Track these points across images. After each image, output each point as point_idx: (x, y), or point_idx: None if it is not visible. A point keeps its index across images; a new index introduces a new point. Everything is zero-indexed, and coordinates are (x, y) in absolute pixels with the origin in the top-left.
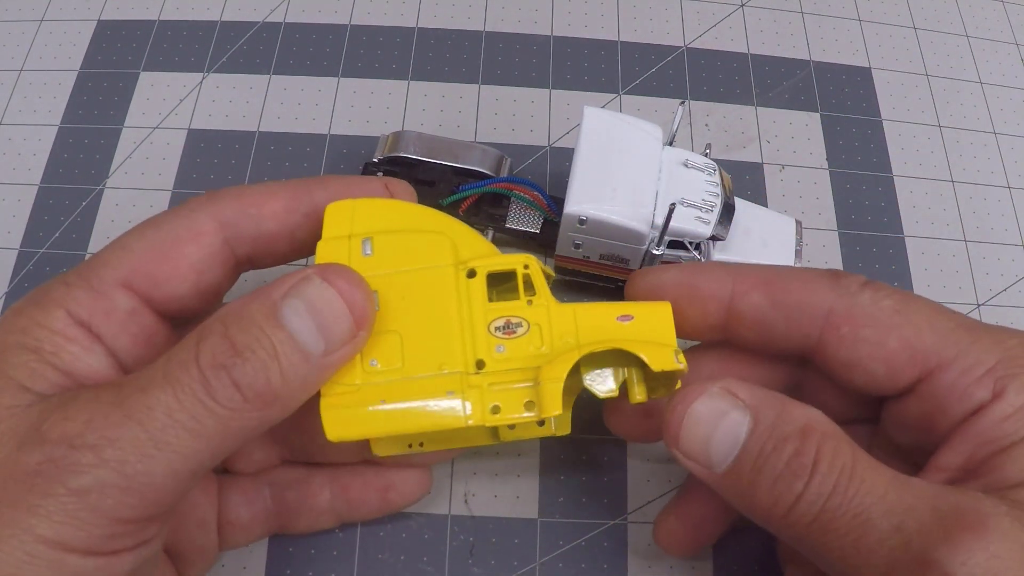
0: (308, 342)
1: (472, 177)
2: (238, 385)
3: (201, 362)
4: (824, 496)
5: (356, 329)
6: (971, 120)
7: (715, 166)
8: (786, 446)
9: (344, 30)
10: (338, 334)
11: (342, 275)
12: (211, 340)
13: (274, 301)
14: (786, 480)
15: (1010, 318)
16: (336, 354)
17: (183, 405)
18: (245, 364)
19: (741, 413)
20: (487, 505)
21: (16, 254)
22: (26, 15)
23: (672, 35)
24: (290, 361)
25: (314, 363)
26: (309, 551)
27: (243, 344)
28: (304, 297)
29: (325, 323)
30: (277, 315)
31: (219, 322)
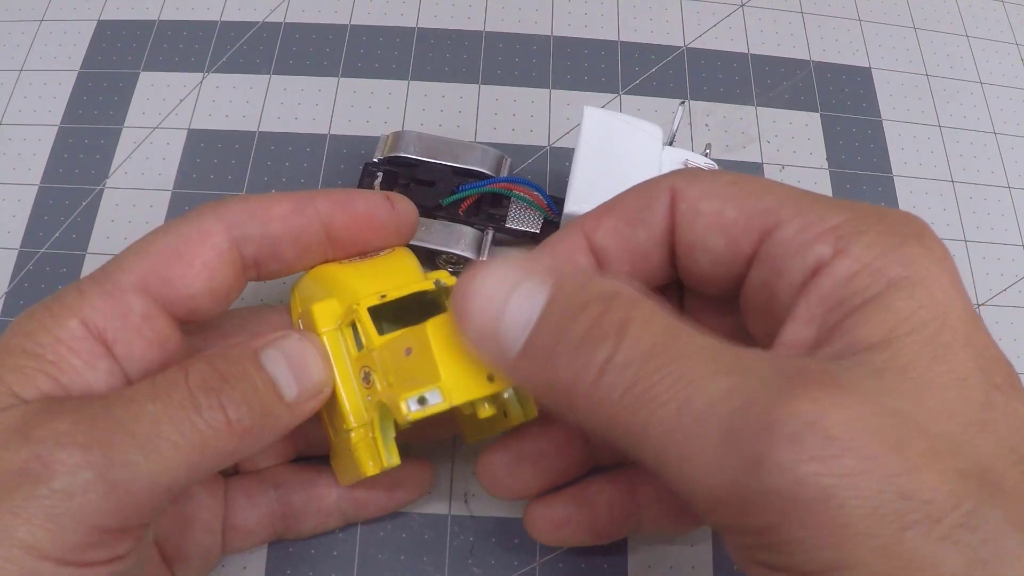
0: (283, 386)
1: (472, 177)
2: (224, 408)
3: (191, 382)
4: (638, 359)
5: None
6: (971, 120)
7: (715, 166)
8: (591, 309)
9: (344, 30)
10: (311, 384)
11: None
12: (199, 367)
13: (254, 348)
14: (590, 345)
15: (1010, 318)
16: (306, 404)
17: (171, 417)
18: (232, 390)
19: (537, 283)
20: (487, 505)
21: (16, 254)
22: (26, 15)
23: (672, 35)
24: (268, 398)
25: (286, 407)
26: (309, 551)
27: (230, 374)
28: (282, 348)
29: (300, 373)
30: (258, 359)
31: (204, 358)
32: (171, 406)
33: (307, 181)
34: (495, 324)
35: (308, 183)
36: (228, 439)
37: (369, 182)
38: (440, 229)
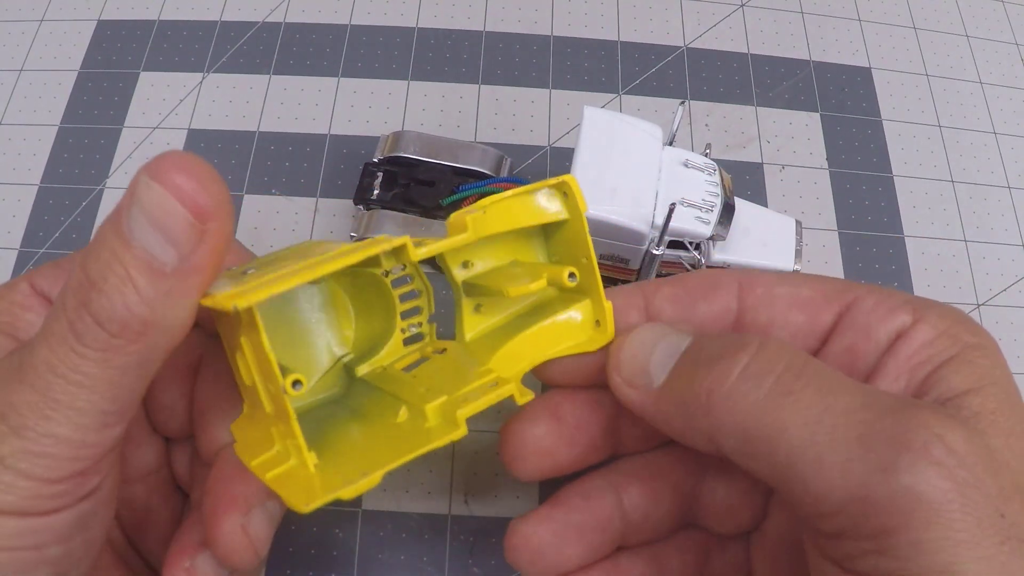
0: (156, 253)
1: (472, 177)
2: (99, 321)
3: (67, 306)
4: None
5: (201, 223)
6: (971, 120)
7: (715, 166)
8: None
9: (344, 30)
10: (182, 237)
11: (169, 162)
12: (73, 278)
13: (119, 217)
14: (730, 356)
15: (1010, 318)
16: (194, 257)
17: (60, 358)
18: (100, 296)
19: (680, 335)
20: (487, 505)
21: (16, 254)
22: (26, 15)
23: (672, 35)
24: (146, 280)
25: (172, 275)
26: (309, 551)
27: (96, 274)
28: (139, 204)
29: (165, 226)
30: (124, 231)
31: (81, 254)
32: (56, 343)
33: (307, 181)
34: (645, 363)
35: (308, 183)
36: (125, 350)
37: (369, 182)
38: (440, 229)
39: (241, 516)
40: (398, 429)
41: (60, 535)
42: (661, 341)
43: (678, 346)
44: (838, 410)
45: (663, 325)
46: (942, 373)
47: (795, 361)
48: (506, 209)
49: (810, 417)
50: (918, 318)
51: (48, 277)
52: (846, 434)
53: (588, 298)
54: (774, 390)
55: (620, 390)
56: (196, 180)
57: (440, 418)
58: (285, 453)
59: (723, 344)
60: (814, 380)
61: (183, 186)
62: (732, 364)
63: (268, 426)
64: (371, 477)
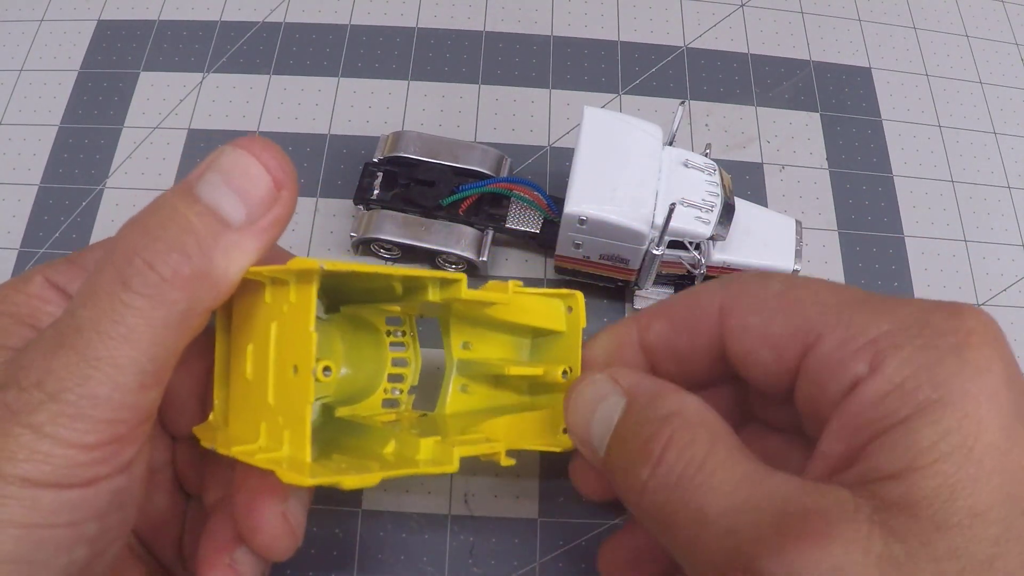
0: (226, 210)
1: (472, 177)
2: (152, 265)
3: (116, 258)
4: (668, 486)
5: (276, 190)
6: (971, 120)
7: (715, 166)
8: (643, 431)
9: (344, 30)
10: (257, 196)
11: (256, 140)
12: (125, 233)
13: (190, 182)
14: (637, 467)
15: (1010, 318)
16: (262, 220)
17: (104, 312)
18: (157, 242)
19: (618, 397)
20: (487, 505)
21: (16, 254)
22: (26, 15)
23: (672, 35)
24: (209, 231)
25: (236, 230)
26: (309, 551)
27: (156, 224)
28: (219, 168)
29: (242, 188)
30: (192, 191)
31: (135, 216)
32: (101, 298)
33: (307, 181)
34: (587, 428)
35: (308, 183)
36: (173, 296)
37: (369, 182)
38: (440, 229)
39: (281, 503)
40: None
41: (97, 511)
42: (599, 406)
43: (612, 415)
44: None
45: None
46: (876, 446)
47: (685, 474)
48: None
49: (685, 540)
50: (875, 366)
51: (61, 271)
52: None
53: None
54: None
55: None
56: (277, 154)
57: (433, 454)
58: (275, 444)
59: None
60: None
61: (267, 155)
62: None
63: (256, 420)
64: (372, 475)
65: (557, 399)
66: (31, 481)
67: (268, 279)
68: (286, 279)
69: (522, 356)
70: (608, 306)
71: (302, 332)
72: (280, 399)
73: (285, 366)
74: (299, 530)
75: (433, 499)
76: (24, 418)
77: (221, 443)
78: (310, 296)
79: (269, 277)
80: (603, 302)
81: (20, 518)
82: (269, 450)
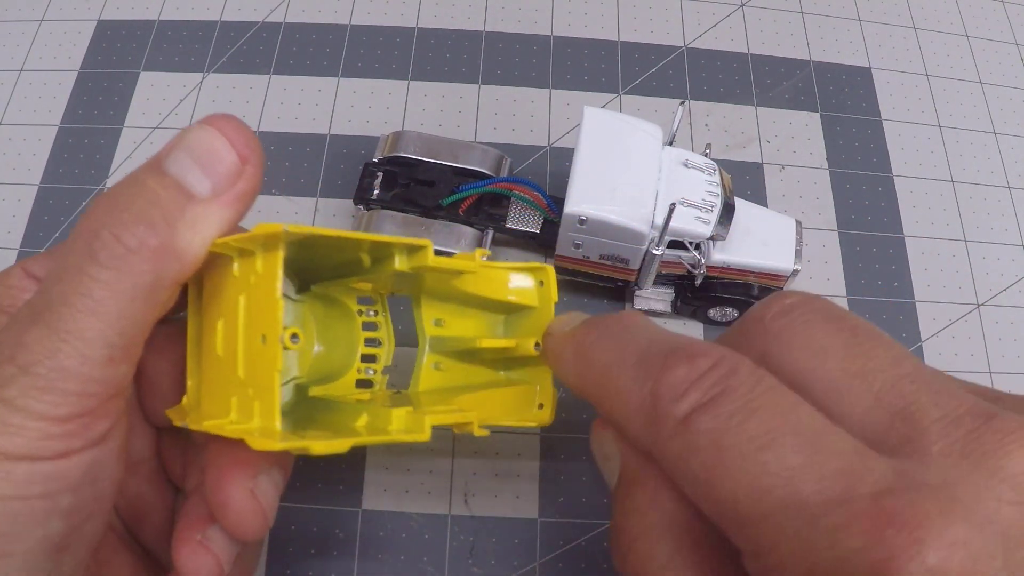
0: (191, 183)
1: (472, 177)
2: (118, 237)
3: (83, 232)
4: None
5: (242, 164)
6: (971, 120)
7: (715, 166)
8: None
9: (344, 30)
10: (222, 170)
11: (222, 117)
12: (93, 208)
13: (159, 158)
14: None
15: (1010, 318)
16: (227, 193)
17: (73, 286)
18: (123, 214)
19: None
20: (487, 505)
21: (16, 254)
22: (26, 15)
23: (672, 35)
24: (174, 203)
25: (202, 203)
26: (309, 551)
27: (123, 198)
28: (185, 145)
29: (208, 162)
30: (160, 166)
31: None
32: (70, 273)
33: (307, 181)
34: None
35: (308, 183)
36: (139, 267)
37: (369, 182)
38: (440, 229)
39: (249, 480)
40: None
41: (71, 483)
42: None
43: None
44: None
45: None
46: None
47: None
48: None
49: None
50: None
51: (39, 262)
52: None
53: (535, 381)
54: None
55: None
56: (243, 130)
57: (405, 423)
58: (246, 416)
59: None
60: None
61: (232, 131)
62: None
63: (227, 396)
64: (342, 441)
65: (532, 374)
66: (3, 454)
67: (236, 251)
68: (252, 249)
69: (496, 333)
70: (608, 306)
71: (269, 300)
72: (249, 371)
73: (254, 337)
74: (269, 510)
75: (433, 499)
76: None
77: (192, 420)
78: (276, 263)
79: (236, 249)
80: (603, 302)
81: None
82: (240, 423)
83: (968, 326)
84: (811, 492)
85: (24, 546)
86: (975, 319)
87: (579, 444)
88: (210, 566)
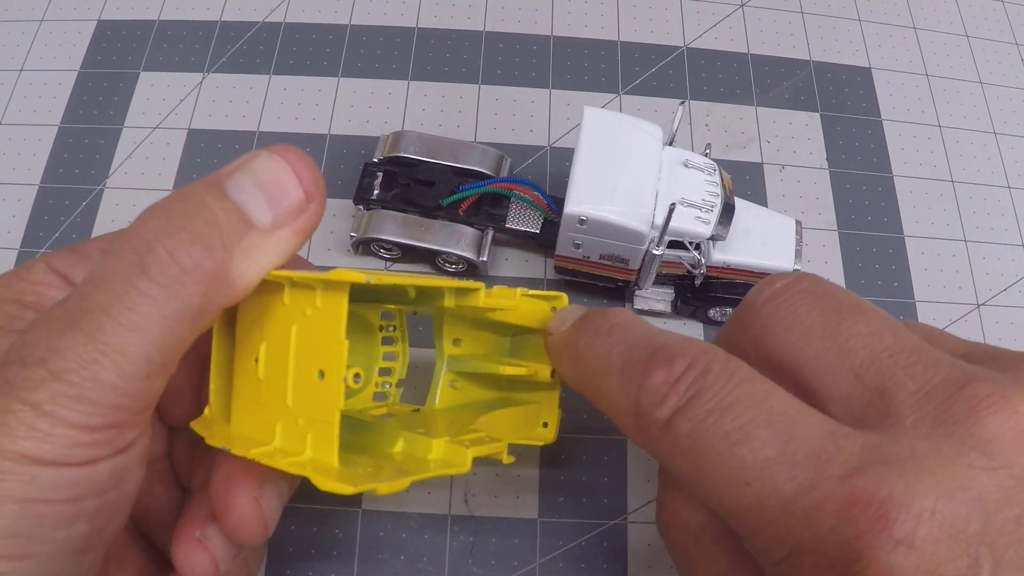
0: (253, 211)
1: (472, 177)
2: (173, 255)
3: (135, 242)
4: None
5: (306, 201)
6: (971, 120)
7: (715, 166)
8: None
9: (344, 30)
10: (286, 204)
11: (291, 149)
12: (147, 218)
13: (219, 177)
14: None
15: (1010, 318)
16: (287, 228)
17: (118, 297)
18: (181, 232)
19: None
20: (487, 505)
21: (16, 254)
22: (26, 15)
23: (672, 35)
24: (234, 229)
25: (261, 233)
26: (309, 551)
27: (181, 214)
28: (250, 171)
29: (272, 194)
30: (222, 188)
31: (159, 202)
32: (116, 283)
33: None
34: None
35: None
36: (189, 289)
37: (369, 182)
38: (440, 229)
39: (256, 488)
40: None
41: (96, 488)
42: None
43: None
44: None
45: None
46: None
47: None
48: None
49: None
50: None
51: (64, 259)
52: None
53: (543, 402)
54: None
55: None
56: (311, 167)
57: (445, 455)
58: (294, 446)
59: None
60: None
61: (301, 166)
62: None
63: (269, 421)
64: (404, 480)
65: (535, 396)
66: (30, 458)
67: (288, 281)
68: (312, 285)
69: (503, 351)
70: (608, 306)
71: (332, 339)
72: (301, 402)
73: (307, 370)
74: (271, 519)
75: (433, 499)
76: (24, 394)
77: (219, 437)
78: (342, 304)
79: (289, 279)
80: (603, 302)
81: (18, 493)
82: (289, 452)
83: (968, 326)
84: (784, 481)
85: (47, 548)
86: (975, 319)
87: (579, 444)
88: (205, 564)
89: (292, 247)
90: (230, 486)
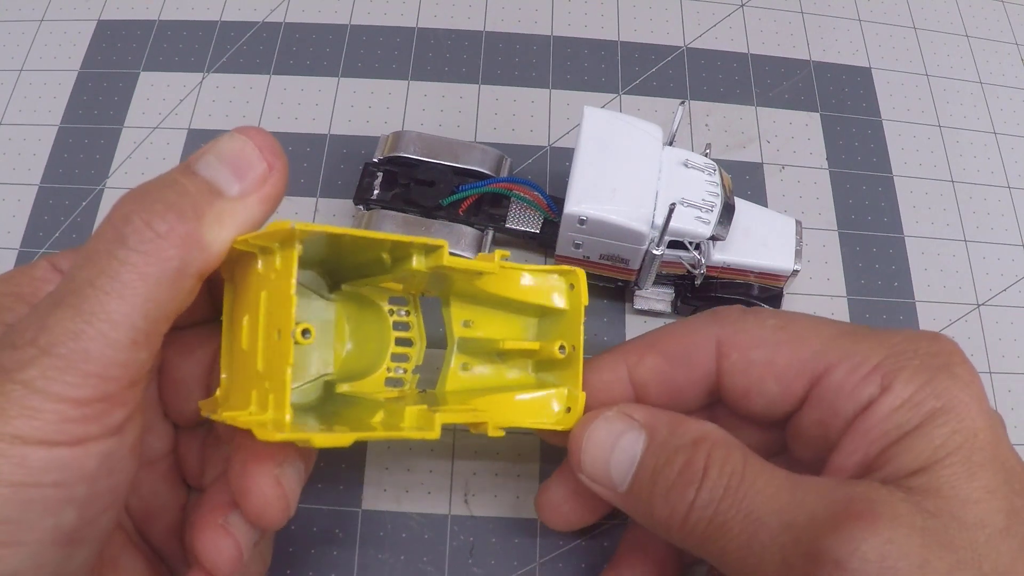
0: (221, 182)
1: (472, 177)
2: (148, 223)
3: (113, 219)
4: (716, 500)
5: (268, 169)
6: (971, 120)
7: (715, 166)
8: (678, 457)
9: (344, 30)
10: (251, 175)
11: (252, 128)
12: (124, 199)
13: (189, 162)
14: (679, 489)
15: (1010, 318)
16: (253, 195)
17: (101, 270)
18: (155, 203)
19: (636, 432)
20: (487, 505)
21: (16, 254)
22: (26, 15)
23: (672, 35)
24: (204, 197)
25: (230, 200)
26: (309, 551)
27: (154, 191)
28: (216, 150)
29: (237, 166)
30: (191, 167)
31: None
32: (98, 257)
33: (307, 181)
34: (606, 467)
35: (308, 183)
36: (166, 253)
37: (369, 182)
38: (440, 229)
39: (275, 467)
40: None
41: (86, 473)
42: (618, 442)
43: (634, 449)
44: (765, 536)
45: (617, 419)
46: (897, 450)
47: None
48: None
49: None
50: (886, 386)
51: (67, 258)
52: (771, 557)
53: (564, 385)
54: (713, 523)
55: (588, 485)
56: (271, 140)
57: (417, 421)
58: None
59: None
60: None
61: (261, 140)
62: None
63: (249, 389)
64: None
65: (562, 377)
66: (21, 438)
67: (259, 249)
68: (271, 246)
69: (528, 335)
70: (608, 306)
71: (284, 295)
72: (267, 365)
73: (271, 332)
74: (292, 499)
75: (433, 499)
76: (16, 375)
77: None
78: (291, 259)
79: (258, 246)
80: (603, 302)
81: (8, 476)
82: (256, 414)
83: (968, 326)
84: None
85: (35, 536)
86: (975, 319)
87: None
88: (231, 549)
89: (260, 213)
90: (249, 467)
